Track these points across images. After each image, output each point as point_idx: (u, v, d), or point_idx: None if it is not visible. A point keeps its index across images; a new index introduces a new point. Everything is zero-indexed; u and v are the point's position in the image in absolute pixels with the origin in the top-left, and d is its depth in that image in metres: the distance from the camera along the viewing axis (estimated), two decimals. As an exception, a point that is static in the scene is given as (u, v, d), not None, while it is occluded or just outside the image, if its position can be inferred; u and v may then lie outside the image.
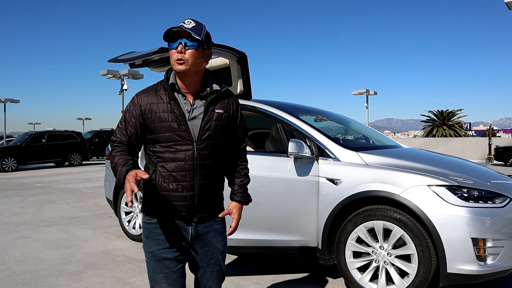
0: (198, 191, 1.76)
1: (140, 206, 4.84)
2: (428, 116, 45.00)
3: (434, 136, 41.00)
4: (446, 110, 43.67)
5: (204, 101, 1.77)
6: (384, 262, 3.05)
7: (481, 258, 2.79)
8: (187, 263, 1.90)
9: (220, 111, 1.78)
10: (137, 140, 1.79)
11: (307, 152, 3.32)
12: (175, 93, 1.76)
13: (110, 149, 1.86)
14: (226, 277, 2.04)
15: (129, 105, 1.80)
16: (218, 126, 1.77)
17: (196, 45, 1.70)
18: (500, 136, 41.89)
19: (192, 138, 1.73)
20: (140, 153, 1.95)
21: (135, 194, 4.86)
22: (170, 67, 1.80)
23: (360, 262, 3.14)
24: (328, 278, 3.62)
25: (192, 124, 1.74)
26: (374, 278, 3.10)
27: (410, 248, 2.93)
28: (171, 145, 1.72)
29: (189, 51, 1.69)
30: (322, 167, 3.31)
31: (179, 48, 1.69)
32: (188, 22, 1.69)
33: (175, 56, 1.70)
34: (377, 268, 3.08)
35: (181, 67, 1.69)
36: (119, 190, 5.05)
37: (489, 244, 2.81)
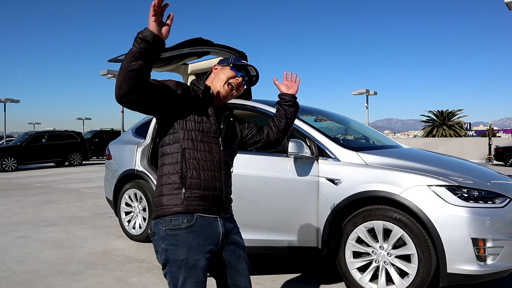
0: (224, 184, 1.80)
1: (139, 206, 4.84)
2: (428, 116, 45.03)
3: (434, 136, 41.00)
4: (446, 110, 43.68)
5: (222, 113, 1.94)
6: (384, 262, 3.05)
7: (481, 258, 2.79)
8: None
9: (231, 120, 1.99)
10: (158, 96, 1.67)
11: (307, 152, 3.32)
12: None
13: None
14: None
15: (170, 82, 1.77)
16: (231, 129, 1.96)
17: (247, 85, 2.01)
18: (500, 136, 41.90)
19: (218, 134, 1.83)
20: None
21: (135, 194, 4.86)
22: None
23: (360, 262, 3.14)
24: (328, 278, 3.62)
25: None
26: (374, 278, 3.10)
27: (410, 248, 2.93)
28: (202, 135, 1.78)
29: (243, 86, 1.97)
30: (322, 167, 3.31)
31: (240, 80, 1.93)
32: (252, 69, 1.98)
33: (232, 80, 1.91)
34: (377, 268, 3.08)
35: (231, 93, 1.93)
36: (119, 190, 5.05)
37: (489, 244, 2.81)
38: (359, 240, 3.13)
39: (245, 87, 1.97)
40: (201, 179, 1.73)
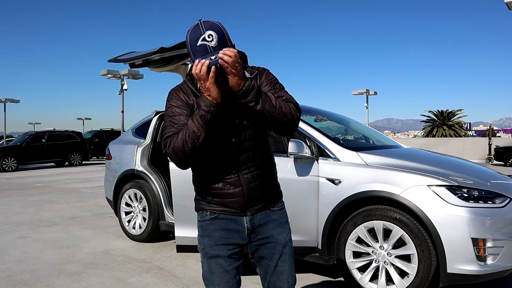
0: (245, 186, 1.66)
1: (139, 206, 4.84)
2: (428, 116, 45.03)
3: (434, 136, 41.00)
4: (446, 110, 43.68)
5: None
6: (384, 262, 3.05)
7: (481, 258, 2.79)
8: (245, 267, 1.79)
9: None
10: None
11: (307, 152, 3.32)
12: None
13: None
14: None
15: (172, 97, 1.67)
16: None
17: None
18: (500, 136, 41.89)
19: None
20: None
21: (135, 194, 4.86)
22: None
23: (360, 262, 3.14)
24: (328, 278, 3.62)
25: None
26: (374, 278, 3.10)
27: (410, 248, 2.93)
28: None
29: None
30: (322, 167, 3.31)
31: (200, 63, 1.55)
32: (209, 37, 1.51)
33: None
34: (377, 268, 3.08)
35: (223, 87, 1.63)
36: (119, 190, 5.05)
37: (489, 244, 2.81)
38: (359, 240, 3.13)
39: (215, 59, 1.45)
40: (215, 187, 1.67)
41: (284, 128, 1.59)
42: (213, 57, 1.44)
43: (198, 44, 1.50)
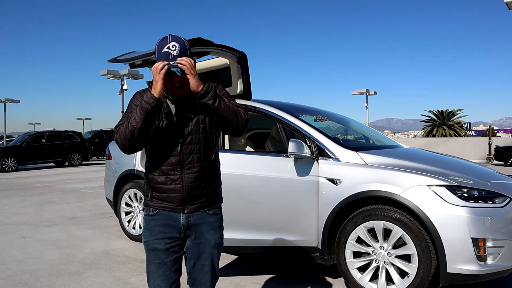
0: (186, 184, 1.86)
1: (139, 206, 4.84)
2: (428, 116, 45.01)
3: (434, 136, 40.99)
4: (446, 110, 43.66)
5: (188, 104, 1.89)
6: (384, 262, 3.05)
7: (481, 258, 2.79)
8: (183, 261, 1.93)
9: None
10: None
11: (307, 152, 3.32)
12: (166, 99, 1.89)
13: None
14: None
15: (135, 96, 1.93)
16: (200, 121, 1.90)
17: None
18: (500, 136, 41.88)
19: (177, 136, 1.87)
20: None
21: (135, 194, 4.86)
22: None
23: (360, 262, 3.14)
24: (328, 278, 3.62)
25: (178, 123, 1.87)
26: (374, 278, 3.10)
27: (410, 248, 2.93)
28: (159, 141, 1.87)
29: (183, 76, 1.78)
30: (322, 167, 3.31)
31: (173, 76, 1.79)
32: (173, 47, 1.77)
33: (170, 82, 1.81)
34: (377, 268, 3.08)
35: (179, 91, 1.84)
36: (119, 190, 5.05)
37: (489, 244, 2.81)
38: (359, 240, 3.13)
39: (175, 65, 1.73)
40: (158, 182, 1.88)
41: (235, 127, 1.85)
42: (172, 62, 1.75)
43: (163, 51, 1.77)
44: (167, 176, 1.86)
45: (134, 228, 4.90)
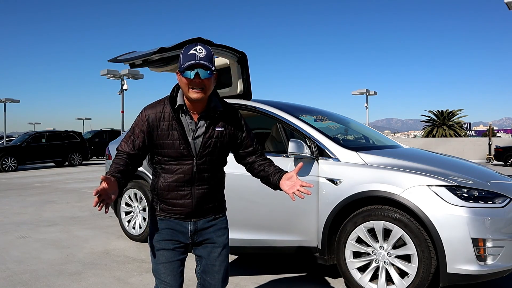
0: (195, 199, 1.90)
1: (139, 206, 4.84)
2: (428, 116, 45.01)
3: (434, 136, 40.98)
4: (446, 110, 43.66)
5: (207, 121, 1.88)
6: (384, 262, 3.05)
7: (481, 258, 2.79)
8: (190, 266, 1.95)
9: (220, 129, 1.90)
10: (143, 151, 1.93)
11: (307, 152, 3.32)
12: (181, 114, 1.87)
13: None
14: None
15: (138, 119, 1.92)
16: (218, 143, 1.90)
17: (211, 73, 1.80)
18: (500, 136, 41.88)
19: (192, 155, 1.86)
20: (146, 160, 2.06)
21: (135, 194, 4.87)
22: (177, 84, 1.90)
23: (360, 262, 3.14)
24: (328, 278, 3.62)
25: (195, 142, 1.86)
26: (374, 278, 3.10)
27: (410, 248, 2.93)
28: (173, 159, 1.87)
29: (205, 79, 1.78)
30: (322, 167, 3.31)
31: (195, 78, 1.77)
32: (200, 50, 1.78)
33: (191, 83, 1.78)
34: (377, 268, 3.08)
35: (198, 95, 1.79)
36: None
37: (489, 244, 2.81)
38: (359, 240, 3.13)
39: (209, 75, 1.78)
40: (168, 197, 1.92)
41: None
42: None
43: (189, 52, 1.78)
44: (178, 192, 1.90)
45: (134, 228, 4.90)
